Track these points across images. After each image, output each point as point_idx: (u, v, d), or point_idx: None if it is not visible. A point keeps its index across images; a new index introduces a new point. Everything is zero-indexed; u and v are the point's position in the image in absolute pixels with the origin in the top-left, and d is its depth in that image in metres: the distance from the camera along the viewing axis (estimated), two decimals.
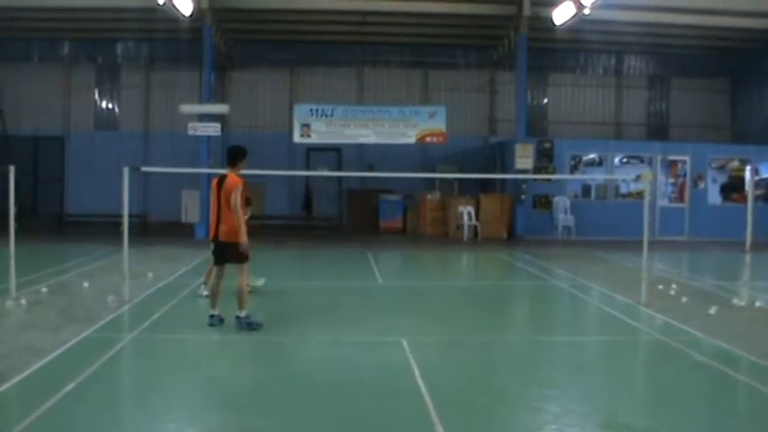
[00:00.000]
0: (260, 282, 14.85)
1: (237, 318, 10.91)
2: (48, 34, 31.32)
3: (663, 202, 28.65)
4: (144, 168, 18.43)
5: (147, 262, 17.61)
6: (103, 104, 33.04)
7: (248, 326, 10.85)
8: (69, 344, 9.63)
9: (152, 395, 7.83)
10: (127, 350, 9.82)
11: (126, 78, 32.95)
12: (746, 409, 8.17)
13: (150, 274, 15.80)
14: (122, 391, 8.24)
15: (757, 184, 25.71)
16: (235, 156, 11.80)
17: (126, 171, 12.93)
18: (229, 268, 11.27)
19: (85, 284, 14.27)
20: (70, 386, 7.71)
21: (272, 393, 7.96)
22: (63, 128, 32.45)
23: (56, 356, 9.03)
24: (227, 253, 11.13)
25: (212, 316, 11.11)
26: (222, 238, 11.14)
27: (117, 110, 33.05)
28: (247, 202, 12.44)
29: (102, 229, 24.77)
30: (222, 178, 11.41)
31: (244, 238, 11.13)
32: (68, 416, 6.97)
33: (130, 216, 14.06)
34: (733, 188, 29.69)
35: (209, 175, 27.06)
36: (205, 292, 13.43)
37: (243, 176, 11.51)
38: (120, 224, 13.56)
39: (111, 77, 33.01)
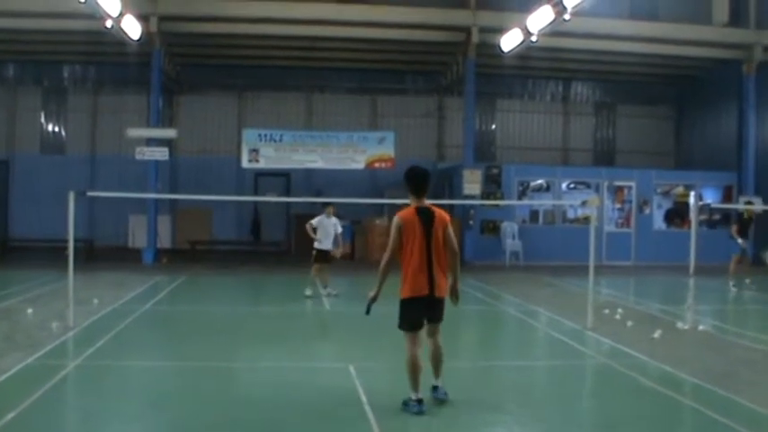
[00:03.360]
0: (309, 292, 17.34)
1: (435, 388, 8.60)
2: None
3: (609, 228, 28.96)
4: (90, 193, 18.18)
5: (92, 288, 17.38)
6: (49, 128, 32.68)
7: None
8: (11, 371, 9.46)
9: (96, 423, 7.71)
10: (71, 377, 9.66)
11: (73, 101, 32.63)
12: (691, 431, 8.27)
13: (96, 300, 15.59)
14: (66, 420, 8.10)
15: (701, 210, 26.10)
16: (427, 180, 8.80)
17: (71, 196, 12.74)
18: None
19: (29, 311, 14.03)
20: (11, 415, 7.56)
21: (217, 420, 7.87)
22: (7, 151, 31.99)
23: None
24: (436, 311, 8.49)
25: (418, 401, 8.16)
26: (438, 293, 8.34)
27: (63, 133, 32.70)
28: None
29: (46, 254, 24.40)
30: (425, 212, 8.48)
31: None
32: None
33: (76, 241, 13.87)
34: (677, 214, 30.11)
35: (157, 201, 27.03)
36: (308, 292, 17.22)
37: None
38: (65, 249, 13.38)
39: (57, 100, 32.68)
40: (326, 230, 17.50)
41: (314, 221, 17.54)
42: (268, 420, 7.93)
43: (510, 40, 26.26)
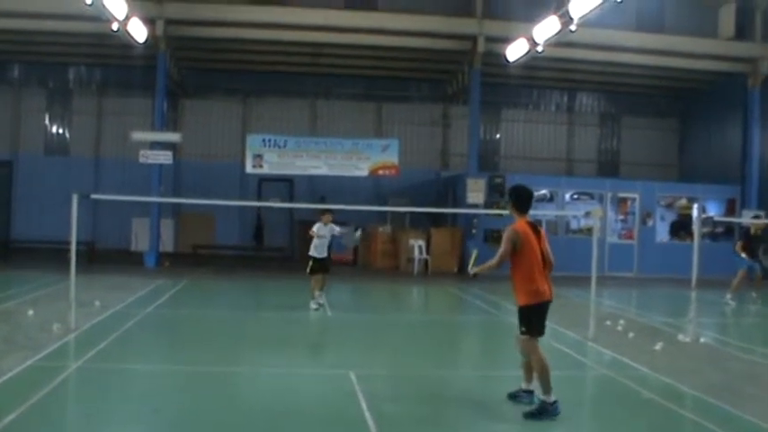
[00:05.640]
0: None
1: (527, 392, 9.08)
2: None
3: (612, 239, 28.92)
4: (94, 195, 18.14)
5: (94, 290, 17.35)
6: (54, 129, 32.74)
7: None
8: (12, 373, 9.44)
9: (96, 426, 7.69)
10: (72, 380, 9.65)
11: (77, 103, 32.71)
12: None
13: (97, 303, 15.57)
14: (66, 422, 8.09)
15: (704, 223, 26.08)
16: (532, 199, 9.64)
17: (75, 198, 12.73)
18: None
19: (30, 312, 14.03)
20: (11, 416, 7.55)
21: (219, 425, 7.86)
22: (11, 152, 32.03)
23: None
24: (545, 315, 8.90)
25: (556, 402, 8.48)
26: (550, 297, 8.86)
27: (68, 135, 32.76)
28: None
29: (49, 256, 24.40)
30: (534, 226, 9.19)
31: None
32: None
33: (78, 243, 13.87)
34: (682, 226, 30.04)
35: (160, 204, 27.05)
36: (314, 306, 16.47)
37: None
38: (67, 251, 13.37)
39: (62, 102, 32.74)
40: (325, 237, 17.01)
41: (314, 229, 16.97)
42: (268, 427, 7.93)
43: (516, 50, 26.29)
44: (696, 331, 14.09)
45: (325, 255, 17.02)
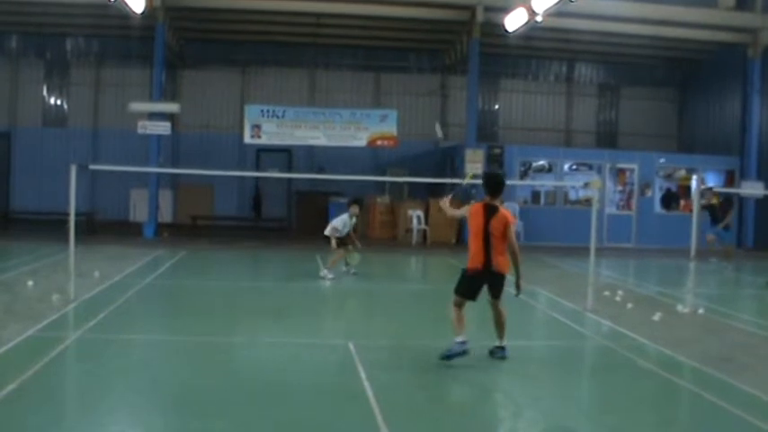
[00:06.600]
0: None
1: (500, 348, 9.96)
2: None
3: (611, 210, 28.91)
4: (92, 166, 18.11)
5: (93, 261, 17.38)
6: (52, 100, 32.64)
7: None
8: (11, 343, 9.46)
9: (96, 396, 7.70)
10: (71, 350, 9.67)
11: (75, 74, 32.59)
12: (689, 414, 8.27)
13: (97, 273, 15.60)
14: (65, 392, 8.12)
15: (703, 194, 26.09)
16: (501, 185, 10.14)
17: (73, 169, 12.70)
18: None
19: (30, 283, 14.05)
20: (11, 386, 7.57)
21: (218, 395, 7.87)
22: (9, 123, 31.95)
23: None
24: (495, 286, 9.86)
25: (457, 343, 9.37)
26: (496, 268, 9.70)
27: (66, 106, 32.67)
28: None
29: (48, 227, 24.39)
30: (490, 208, 9.75)
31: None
32: (9, 417, 6.85)
33: (77, 214, 13.87)
34: (673, 198, 30.05)
35: (158, 175, 27.02)
36: (330, 275, 16.83)
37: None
38: (66, 222, 13.37)
39: (60, 73, 32.62)
40: (348, 227, 17.24)
41: (339, 226, 17.10)
42: (268, 396, 7.94)
43: (515, 20, 26.13)
44: (695, 302, 14.13)
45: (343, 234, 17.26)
